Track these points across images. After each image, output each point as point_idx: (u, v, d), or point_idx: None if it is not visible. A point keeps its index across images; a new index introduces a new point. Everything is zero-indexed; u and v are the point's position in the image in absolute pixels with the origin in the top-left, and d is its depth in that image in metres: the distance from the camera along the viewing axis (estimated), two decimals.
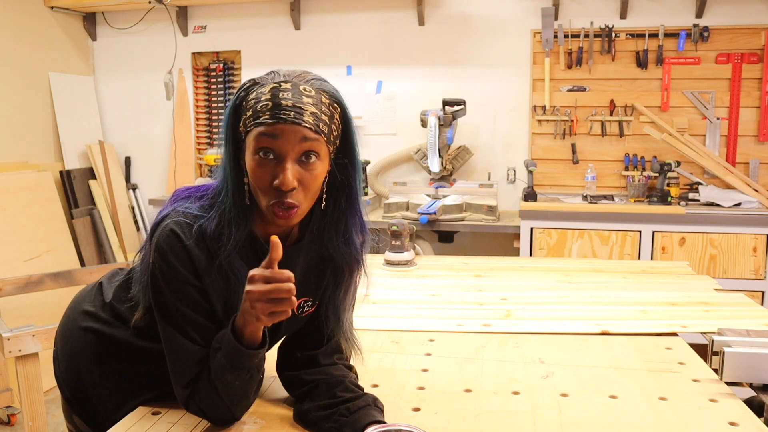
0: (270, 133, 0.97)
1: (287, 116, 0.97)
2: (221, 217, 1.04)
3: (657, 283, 2.09)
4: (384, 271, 2.28)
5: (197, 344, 1.05)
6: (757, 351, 1.30)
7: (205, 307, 1.06)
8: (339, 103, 1.04)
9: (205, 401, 1.06)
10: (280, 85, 0.99)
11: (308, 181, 1.00)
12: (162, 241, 1.03)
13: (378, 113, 4.02)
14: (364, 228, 1.14)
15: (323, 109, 1.00)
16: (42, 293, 3.08)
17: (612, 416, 1.18)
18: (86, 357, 1.22)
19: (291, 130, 0.97)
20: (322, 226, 1.12)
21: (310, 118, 0.98)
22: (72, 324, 1.26)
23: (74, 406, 1.24)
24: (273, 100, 0.97)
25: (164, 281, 1.03)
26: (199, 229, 1.03)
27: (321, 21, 4.03)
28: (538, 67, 3.75)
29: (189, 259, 1.03)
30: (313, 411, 1.12)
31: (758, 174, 3.52)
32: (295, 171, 0.99)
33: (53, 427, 2.85)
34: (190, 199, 1.09)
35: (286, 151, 0.98)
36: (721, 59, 3.54)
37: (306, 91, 0.99)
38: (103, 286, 1.28)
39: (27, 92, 3.85)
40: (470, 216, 3.40)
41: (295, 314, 1.18)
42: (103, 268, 3.12)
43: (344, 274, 1.17)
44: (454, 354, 1.50)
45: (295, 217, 1.01)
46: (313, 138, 0.98)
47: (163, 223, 1.05)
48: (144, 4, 3.95)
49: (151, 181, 4.40)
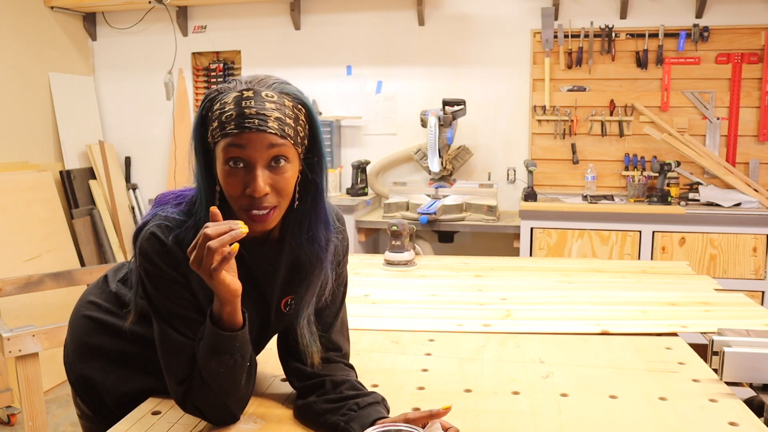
0: (237, 143, 0.99)
1: (252, 124, 0.98)
2: (197, 227, 1.05)
3: (657, 283, 2.09)
4: (384, 271, 2.28)
5: (187, 337, 1.07)
6: (757, 351, 1.30)
7: (193, 302, 1.08)
8: (303, 104, 1.05)
9: (198, 397, 1.07)
10: (243, 94, 1.00)
11: (280, 185, 1.02)
12: (144, 244, 1.06)
13: (378, 113, 4.02)
14: (328, 226, 1.14)
15: (287, 112, 1.01)
16: (42, 293, 3.08)
17: (612, 416, 1.18)
18: (88, 342, 1.29)
19: (257, 138, 0.98)
20: (287, 223, 1.12)
21: (274, 123, 0.99)
22: (77, 312, 1.34)
23: (78, 390, 1.31)
24: (237, 110, 0.99)
25: (150, 281, 1.07)
26: (176, 239, 1.06)
27: (321, 21, 4.03)
28: (538, 67, 3.75)
29: (172, 259, 1.06)
30: (319, 403, 1.12)
31: (758, 174, 3.52)
32: (266, 177, 1.00)
33: (53, 427, 2.85)
34: (170, 204, 1.12)
35: (254, 159, 0.99)
36: (721, 59, 3.54)
37: (268, 96, 1.00)
38: (108, 278, 1.35)
39: (27, 92, 3.85)
40: (470, 216, 3.40)
41: (282, 311, 1.19)
42: (103, 268, 3.12)
43: (306, 272, 1.15)
44: (454, 354, 1.50)
45: (271, 220, 1.04)
46: (279, 143, 1.00)
47: (144, 228, 1.08)
48: (144, 4, 3.95)
49: (151, 181, 4.40)
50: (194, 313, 1.08)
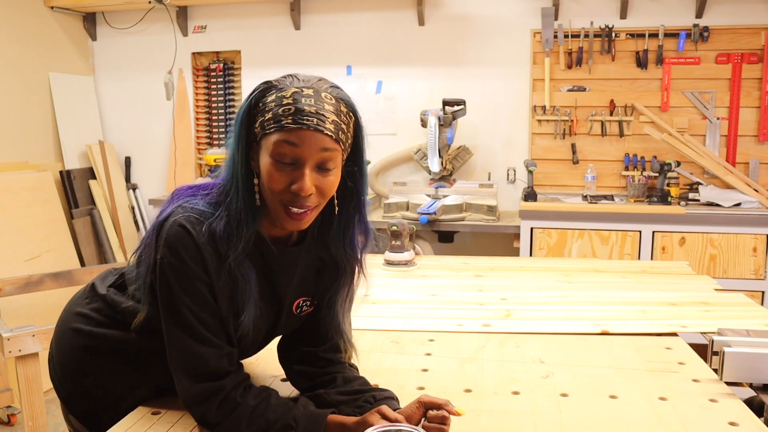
0: (291, 140, 0.97)
1: (310, 122, 0.97)
2: (230, 217, 1.03)
3: (657, 283, 2.09)
4: (384, 271, 2.28)
5: (204, 343, 1.03)
6: (757, 351, 1.30)
7: (214, 305, 1.04)
8: (354, 112, 1.04)
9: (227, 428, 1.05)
10: (302, 90, 0.98)
11: (325, 189, 1.01)
12: (172, 237, 1.01)
13: (378, 113, 4.01)
14: (368, 233, 1.15)
15: (342, 118, 1.01)
16: (42, 293, 3.08)
17: (612, 416, 1.18)
18: (78, 358, 1.21)
19: (313, 137, 0.97)
20: (329, 231, 1.13)
21: (331, 126, 0.98)
22: (64, 325, 1.26)
23: (70, 406, 1.24)
24: (295, 105, 0.97)
25: (174, 277, 1.01)
26: (209, 228, 1.02)
27: (321, 21, 4.03)
28: (538, 67, 3.75)
29: (200, 257, 1.01)
30: (332, 395, 1.13)
31: (758, 174, 3.52)
32: (313, 178, 0.99)
33: (53, 427, 2.85)
34: (196, 196, 1.07)
35: (305, 157, 0.98)
36: (721, 59, 3.54)
37: (327, 98, 0.99)
38: (95, 287, 1.26)
39: (27, 92, 3.85)
40: (470, 216, 3.40)
41: (294, 313, 1.18)
42: (103, 268, 3.12)
43: (345, 276, 1.18)
44: (454, 354, 1.50)
45: (307, 220, 1.03)
46: (332, 147, 0.99)
47: (170, 219, 1.03)
48: (144, 4, 3.95)
49: (151, 181, 4.40)
50: (212, 318, 1.04)
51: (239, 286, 1.05)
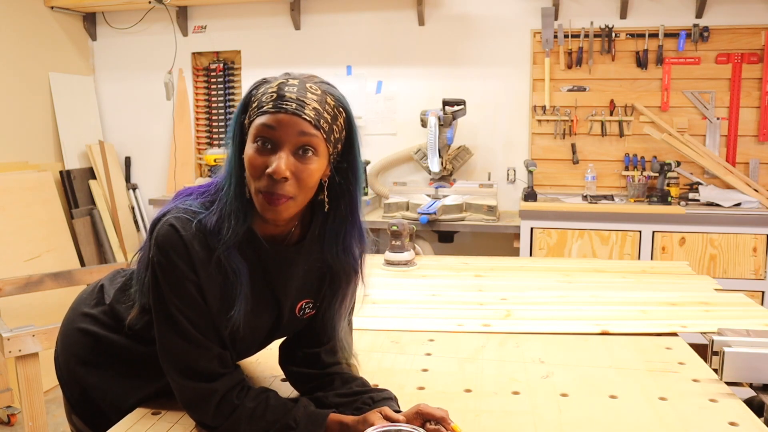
0: (269, 123, 0.98)
1: (288, 107, 0.98)
2: (222, 211, 1.04)
3: (657, 283, 2.09)
4: (384, 271, 2.28)
5: (192, 342, 1.03)
6: (757, 351, 1.30)
7: (203, 305, 1.04)
8: (344, 108, 1.04)
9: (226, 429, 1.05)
10: (288, 81, 1.01)
11: (303, 175, 1.00)
12: (161, 236, 1.02)
13: (378, 113, 4.01)
14: (362, 238, 1.13)
15: (327, 108, 1.01)
16: (42, 293, 3.08)
17: (612, 416, 1.18)
18: (84, 359, 1.22)
19: (291, 121, 0.98)
20: (323, 231, 1.12)
21: (311, 112, 0.99)
22: (71, 325, 1.27)
23: (74, 406, 1.25)
24: (278, 92, 0.99)
25: (163, 276, 1.03)
26: (199, 224, 1.03)
27: (321, 21, 4.03)
28: (538, 67, 3.75)
29: (187, 253, 1.01)
30: (330, 397, 1.13)
31: (758, 174, 3.52)
32: (290, 162, 0.99)
33: (53, 427, 2.85)
34: (192, 196, 1.09)
35: (283, 141, 0.98)
36: (721, 59, 3.54)
37: (312, 89, 1.01)
38: (104, 288, 1.27)
39: (27, 92, 3.85)
40: (470, 216, 3.40)
41: (296, 316, 1.18)
42: (103, 268, 3.12)
43: (341, 282, 1.16)
44: (454, 354, 1.50)
45: (284, 209, 1.01)
46: (311, 133, 0.99)
47: (163, 219, 1.05)
48: (144, 4, 3.95)
49: (151, 181, 4.40)
50: (201, 319, 1.04)
51: (229, 281, 1.05)
